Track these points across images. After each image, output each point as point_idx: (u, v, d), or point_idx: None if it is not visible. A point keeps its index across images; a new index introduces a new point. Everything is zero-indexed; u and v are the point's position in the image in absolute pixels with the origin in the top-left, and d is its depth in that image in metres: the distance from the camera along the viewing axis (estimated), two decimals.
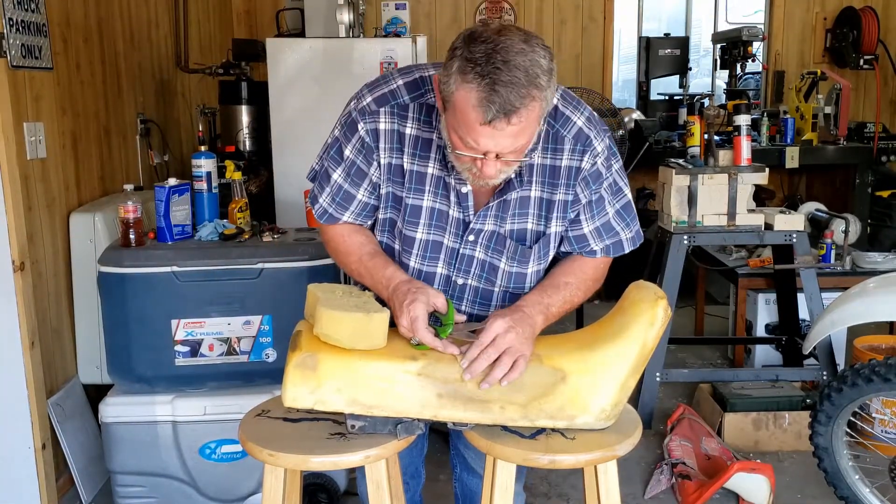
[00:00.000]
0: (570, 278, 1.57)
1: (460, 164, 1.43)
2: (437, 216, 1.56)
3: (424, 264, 1.60)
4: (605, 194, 1.57)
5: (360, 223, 1.63)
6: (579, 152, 1.52)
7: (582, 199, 1.56)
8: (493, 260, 1.59)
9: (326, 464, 1.42)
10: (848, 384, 2.49)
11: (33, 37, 2.60)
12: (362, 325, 1.40)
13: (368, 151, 1.54)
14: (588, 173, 1.53)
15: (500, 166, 1.40)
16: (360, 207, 1.60)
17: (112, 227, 2.81)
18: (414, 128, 1.52)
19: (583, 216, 1.58)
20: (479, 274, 1.61)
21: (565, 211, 1.56)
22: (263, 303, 2.52)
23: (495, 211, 1.55)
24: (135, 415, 2.55)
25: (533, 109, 1.31)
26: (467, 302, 1.64)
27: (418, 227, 1.57)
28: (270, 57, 3.75)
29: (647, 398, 3.37)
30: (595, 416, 1.45)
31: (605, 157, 1.54)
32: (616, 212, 1.60)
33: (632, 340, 1.44)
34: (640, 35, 5.97)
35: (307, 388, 1.41)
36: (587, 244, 1.61)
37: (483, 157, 1.37)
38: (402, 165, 1.54)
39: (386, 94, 1.52)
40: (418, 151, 1.53)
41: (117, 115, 3.41)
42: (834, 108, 4.92)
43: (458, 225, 1.57)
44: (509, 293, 1.63)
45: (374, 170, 1.56)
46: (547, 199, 1.55)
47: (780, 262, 3.64)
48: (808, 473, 2.99)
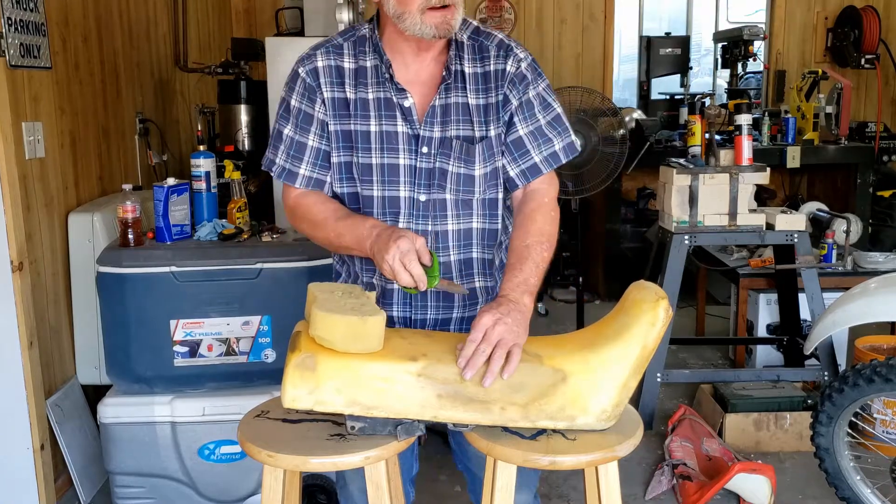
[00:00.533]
0: (527, 240, 1.59)
1: (414, 9, 1.52)
2: (387, 138, 1.64)
3: (386, 189, 1.65)
4: (535, 101, 1.67)
5: (319, 175, 1.67)
6: (503, 57, 1.66)
7: (513, 101, 1.65)
8: (441, 164, 1.64)
9: (326, 465, 1.41)
10: (849, 384, 2.48)
11: (32, 36, 2.59)
12: (356, 327, 1.39)
13: (311, 91, 1.65)
14: (513, 75, 1.65)
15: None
16: (313, 155, 1.67)
17: (111, 227, 2.80)
18: (351, 61, 1.65)
19: (516, 118, 1.66)
20: (435, 184, 1.65)
21: (499, 112, 1.65)
22: (262, 303, 2.51)
23: (440, 117, 1.63)
24: (133, 415, 2.54)
25: None
26: (430, 218, 1.67)
27: (371, 152, 1.64)
28: (270, 56, 3.74)
29: (648, 399, 3.37)
30: (596, 416, 1.44)
31: (528, 63, 1.67)
32: (547, 122, 1.68)
33: (633, 341, 1.43)
34: (640, 34, 5.97)
35: (306, 389, 1.40)
36: (527, 153, 1.67)
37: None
38: (344, 97, 1.64)
39: (320, 43, 1.69)
40: (358, 80, 1.64)
41: (116, 114, 3.40)
42: (835, 108, 4.92)
43: (409, 140, 1.64)
44: (461, 200, 1.66)
45: (320, 107, 1.65)
46: (483, 104, 1.65)
47: (781, 262, 3.63)
48: (809, 474, 2.98)
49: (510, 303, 1.47)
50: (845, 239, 3.96)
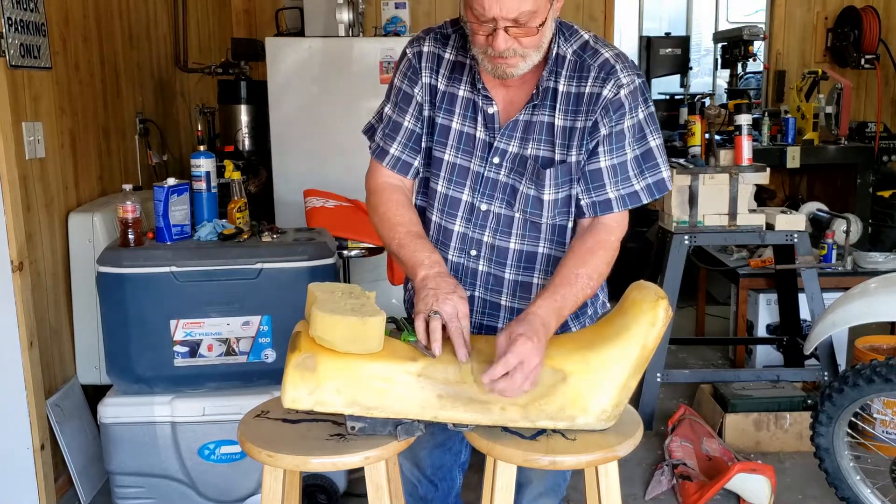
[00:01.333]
0: (580, 269, 1.53)
1: (477, 49, 1.49)
2: (465, 139, 1.61)
3: (451, 188, 1.64)
4: (628, 133, 1.56)
5: (407, 157, 1.66)
6: (602, 79, 1.54)
7: (601, 130, 1.55)
8: (514, 182, 1.60)
9: (326, 465, 1.41)
10: (849, 385, 2.48)
11: (32, 36, 2.60)
12: (355, 328, 1.39)
13: (413, 72, 1.64)
14: (609, 101, 1.54)
15: (511, 42, 1.44)
16: (406, 136, 1.65)
17: (111, 227, 2.80)
18: (452, 53, 1.62)
19: (601, 148, 1.56)
20: (501, 198, 1.62)
21: (583, 138, 1.56)
22: (262, 303, 2.51)
23: (520, 132, 1.58)
24: (133, 415, 2.54)
25: None
26: (489, 229, 1.64)
27: (446, 148, 1.63)
28: (270, 56, 3.75)
29: (648, 399, 3.37)
30: (596, 416, 1.44)
31: (630, 91, 1.54)
32: (636, 156, 1.58)
33: (632, 341, 1.43)
34: (640, 34, 5.97)
35: (306, 389, 1.40)
36: (602, 187, 1.58)
37: (493, 31, 1.43)
38: (437, 86, 1.63)
39: (432, 28, 1.68)
40: (453, 74, 1.62)
41: (116, 114, 3.40)
42: (835, 108, 4.92)
43: (484, 147, 1.60)
44: (529, 221, 1.62)
45: (419, 90, 1.63)
46: (570, 126, 1.57)
47: (781, 262, 3.63)
48: (809, 474, 2.98)
49: (543, 328, 1.42)
50: (845, 239, 3.96)
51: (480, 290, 1.68)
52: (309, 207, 3.14)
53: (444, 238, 1.67)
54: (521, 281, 1.66)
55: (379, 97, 3.95)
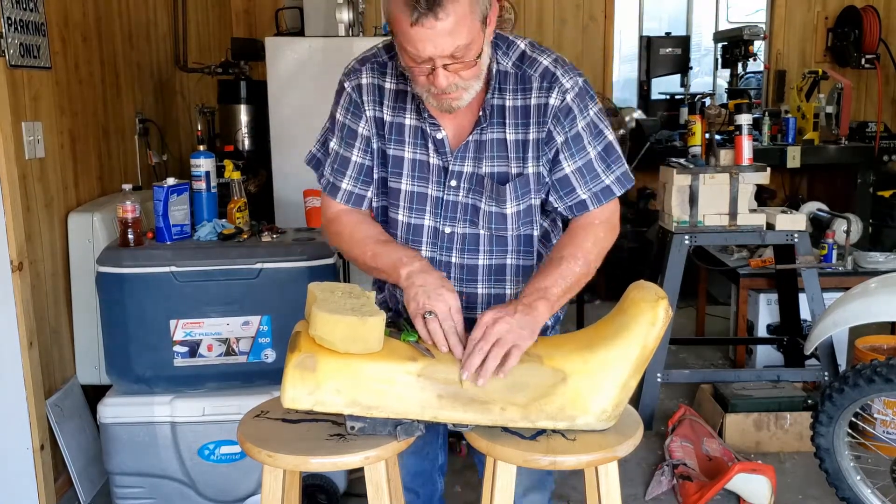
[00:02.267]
0: (563, 251, 1.55)
1: (419, 88, 1.48)
2: (418, 167, 1.60)
3: (412, 217, 1.63)
4: (584, 133, 1.56)
5: (360, 191, 1.65)
6: (546, 89, 1.54)
7: (557, 138, 1.55)
8: (474, 201, 1.60)
9: (326, 465, 1.41)
10: (849, 385, 2.48)
11: (32, 36, 2.59)
12: (355, 328, 1.38)
13: (356, 107, 1.61)
14: (558, 109, 1.54)
15: (452, 78, 1.43)
16: (356, 170, 1.64)
17: (111, 227, 2.80)
18: (392, 82, 1.60)
19: (562, 155, 1.57)
20: (463, 218, 1.62)
21: (538, 150, 1.56)
22: (262, 303, 2.51)
23: (473, 153, 1.57)
24: (133, 415, 2.54)
25: (459, 3, 1.35)
26: (456, 250, 1.64)
27: (402, 178, 1.61)
28: (269, 56, 3.74)
29: (648, 399, 3.36)
30: (596, 416, 1.44)
31: (575, 93, 1.54)
32: (598, 154, 1.58)
33: (632, 341, 1.43)
34: (640, 34, 5.96)
35: (306, 389, 1.40)
36: (573, 191, 1.59)
37: (431, 71, 1.41)
38: (382, 118, 1.60)
39: (367, 55, 1.63)
40: (397, 104, 1.59)
41: (116, 114, 3.40)
42: (835, 108, 4.92)
43: (439, 172, 1.60)
44: (494, 236, 1.63)
45: (364, 124, 1.61)
46: (522, 139, 1.56)
47: (781, 262, 3.63)
48: (809, 474, 2.98)
49: (519, 305, 1.45)
50: (845, 239, 3.96)
51: None
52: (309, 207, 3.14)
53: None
54: (494, 294, 1.67)
55: None
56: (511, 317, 1.41)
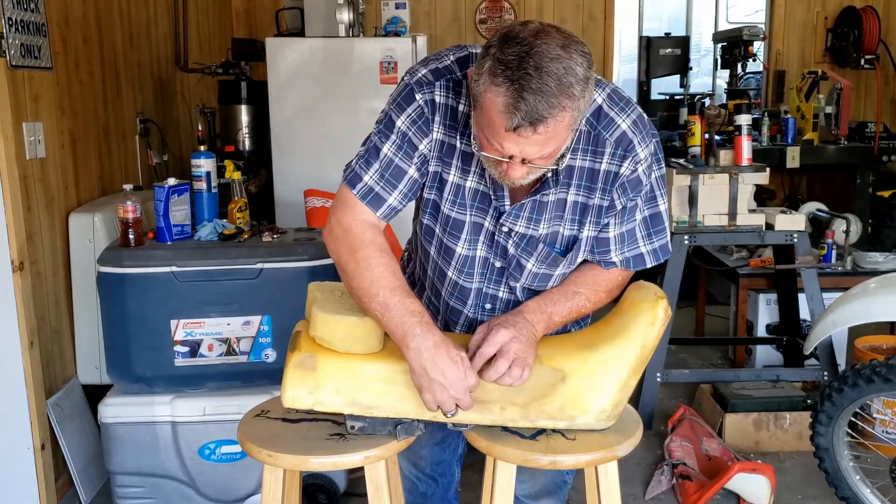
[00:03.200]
0: (581, 288, 1.53)
1: (486, 164, 1.40)
2: (479, 198, 1.50)
3: (469, 248, 1.54)
4: (640, 202, 1.50)
5: (402, 206, 1.51)
6: (620, 157, 1.45)
7: (617, 206, 1.49)
8: (521, 258, 1.53)
9: (326, 464, 1.41)
10: (849, 384, 2.48)
11: (32, 36, 2.60)
12: (355, 328, 1.39)
13: (425, 122, 1.46)
14: (627, 179, 1.46)
15: (527, 171, 1.36)
16: (408, 186, 1.49)
17: (111, 227, 2.80)
18: (465, 104, 1.45)
19: (612, 220, 1.51)
20: (509, 262, 1.56)
21: (599, 216, 1.49)
22: (263, 303, 2.51)
23: (528, 213, 1.49)
24: (134, 415, 2.54)
25: (562, 119, 1.26)
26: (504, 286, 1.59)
27: (466, 208, 1.51)
28: (270, 56, 3.75)
29: (648, 399, 3.37)
30: (595, 416, 1.44)
31: (647, 165, 1.46)
32: (643, 219, 1.52)
33: (632, 341, 1.44)
34: (640, 34, 5.96)
35: (306, 389, 1.40)
36: (607, 251, 1.53)
37: (509, 161, 1.33)
38: (455, 145, 1.47)
39: (440, 69, 1.47)
40: (467, 130, 1.45)
41: (116, 114, 3.40)
42: (835, 108, 4.92)
43: (495, 212, 1.51)
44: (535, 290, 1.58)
45: (427, 143, 1.47)
46: (583, 202, 1.48)
47: (780, 262, 3.63)
48: (808, 474, 2.99)
49: (526, 323, 1.43)
50: (845, 239, 3.97)
51: None
52: (309, 207, 3.14)
53: (461, 295, 1.61)
54: None
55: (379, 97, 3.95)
56: (521, 335, 1.40)
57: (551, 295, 1.52)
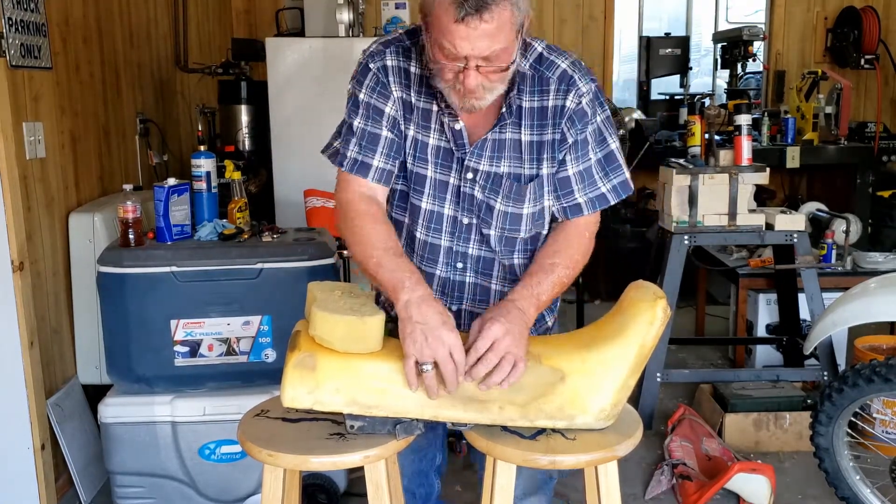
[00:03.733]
0: (556, 258, 1.57)
1: (444, 84, 1.47)
2: (442, 154, 1.60)
3: (434, 204, 1.62)
4: (590, 139, 1.60)
5: (391, 167, 1.60)
6: (563, 91, 1.56)
7: (568, 139, 1.58)
8: (489, 200, 1.60)
9: (326, 464, 1.41)
10: (849, 384, 2.48)
11: (32, 36, 2.60)
12: (355, 328, 1.39)
13: (383, 87, 1.58)
14: (573, 112, 1.57)
15: (482, 79, 1.44)
16: (387, 146, 1.59)
17: (111, 227, 2.80)
18: (417, 68, 1.58)
19: (568, 156, 1.59)
20: (477, 214, 1.62)
21: (554, 151, 1.59)
22: (263, 303, 2.51)
23: (490, 151, 1.58)
24: (134, 415, 2.54)
25: (505, 9, 1.38)
26: (473, 242, 1.65)
27: (427, 164, 1.61)
28: (270, 56, 3.75)
29: (648, 398, 3.37)
30: (595, 416, 1.44)
31: (590, 98, 1.57)
32: (598, 160, 1.62)
33: (631, 340, 1.43)
34: (640, 34, 5.97)
35: (306, 389, 1.40)
36: (571, 193, 1.61)
37: (464, 68, 1.41)
38: (410, 101, 1.59)
39: (389, 40, 1.62)
40: (423, 89, 1.58)
41: (116, 114, 3.40)
42: (835, 108, 4.92)
43: (458, 161, 1.60)
44: (505, 237, 1.63)
45: (391, 105, 1.59)
46: (538, 140, 1.58)
47: (780, 262, 3.63)
48: (808, 474, 2.99)
49: (518, 312, 1.45)
50: (845, 239, 3.97)
51: (468, 303, 1.69)
52: (309, 207, 3.15)
53: (431, 254, 1.67)
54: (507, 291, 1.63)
55: None
56: (515, 328, 1.41)
57: (532, 276, 1.54)
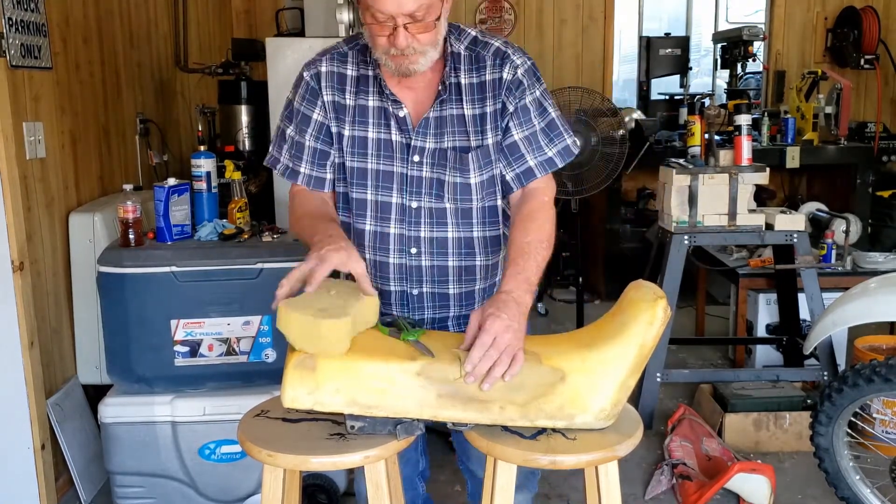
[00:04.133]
0: (528, 236, 1.60)
1: (380, 52, 1.57)
2: (383, 146, 1.69)
3: (379, 194, 1.70)
4: (531, 107, 1.68)
5: (318, 174, 1.73)
6: (499, 65, 1.66)
7: (509, 108, 1.66)
8: (438, 175, 1.68)
9: (326, 464, 1.41)
10: (849, 384, 2.48)
11: (33, 36, 2.60)
12: (308, 327, 1.39)
13: (312, 94, 1.70)
14: (510, 82, 1.66)
15: (410, 39, 1.53)
16: (311, 154, 1.72)
17: (111, 227, 2.80)
18: (353, 69, 1.70)
19: (512, 123, 1.67)
20: (429, 192, 1.69)
21: (496, 120, 1.67)
22: (263, 303, 2.51)
23: (434, 129, 1.66)
24: (134, 415, 2.54)
25: None
26: (425, 224, 1.70)
27: (367, 157, 1.69)
28: (270, 56, 3.74)
29: (648, 398, 3.37)
30: (595, 415, 1.44)
31: (525, 70, 1.67)
32: (542, 128, 1.69)
33: (631, 340, 1.44)
34: (640, 35, 5.97)
35: (306, 389, 1.40)
36: (522, 157, 1.68)
37: (393, 30, 1.51)
38: (343, 102, 1.69)
39: (327, 49, 1.74)
40: (359, 88, 1.69)
41: (116, 114, 3.40)
42: (835, 108, 4.92)
43: (403, 149, 1.68)
44: (460, 209, 1.70)
45: (319, 110, 1.70)
46: (479, 113, 1.67)
47: (780, 262, 3.63)
48: (808, 474, 2.99)
49: (515, 303, 1.46)
50: (845, 239, 3.97)
51: (427, 285, 1.73)
52: None
53: (382, 243, 1.72)
54: (465, 265, 1.73)
55: None
56: (514, 321, 1.43)
57: (514, 262, 1.56)
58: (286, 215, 3.73)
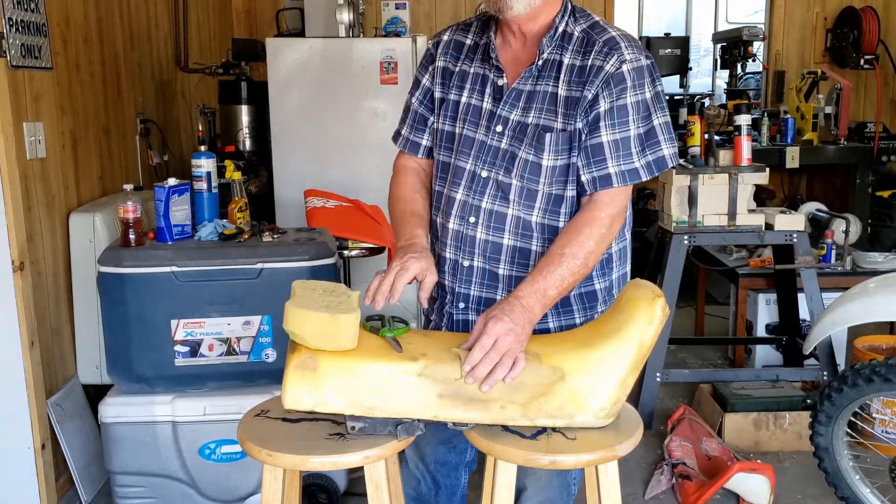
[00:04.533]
0: (566, 248, 1.54)
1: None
2: (472, 111, 1.69)
3: (457, 158, 1.71)
4: (631, 110, 1.57)
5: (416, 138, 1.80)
6: (605, 53, 1.58)
7: (601, 103, 1.57)
8: (514, 149, 1.64)
9: (326, 464, 1.41)
10: (848, 384, 2.48)
11: (33, 36, 2.60)
12: (325, 324, 1.39)
13: (428, 59, 1.77)
14: (610, 75, 1.56)
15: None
16: (412, 118, 1.80)
17: (112, 227, 2.81)
18: (472, 38, 1.74)
19: (602, 122, 1.58)
20: (500, 164, 1.66)
21: (585, 109, 1.59)
22: (263, 303, 2.52)
23: (523, 102, 1.63)
24: (134, 415, 2.54)
25: None
26: (489, 196, 1.66)
27: (456, 121, 1.72)
28: (270, 57, 3.75)
29: (648, 398, 3.37)
30: (594, 414, 1.44)
31: (633, 67, 1.56)
32: (639, 134, 1.59)
33: (630, 339, 1.44)
34: (640, 34, 5.97)
35: (307, 390, 1.40)
36: (603, 161, 1.59)
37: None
38: (449, 67, 1.74)
39: (458, 22, 1.82)
40: (468, 54, 1.73)
41: (117, 114, 3.40)
42: (834, 108, 4.92)
43: (490, 117, 1.67)
44: (525, 188, 1.64)
45: (428, 76, 1.76)
46: (572, 96, 1.59)
47: (780, 262, 3.64)
48: (808, 474, 2.99)
49: (523, 310, 1.46)
50: (844, 239, 3.97)
51: (479, 259, 1.69)
52: (309, 207, 3.14)
53: (447, 206, 1.72)
54: (520, 247, 1.67)
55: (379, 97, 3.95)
56: (518, 326, 1.43)
57: (540, 270, 1.53)
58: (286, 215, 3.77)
